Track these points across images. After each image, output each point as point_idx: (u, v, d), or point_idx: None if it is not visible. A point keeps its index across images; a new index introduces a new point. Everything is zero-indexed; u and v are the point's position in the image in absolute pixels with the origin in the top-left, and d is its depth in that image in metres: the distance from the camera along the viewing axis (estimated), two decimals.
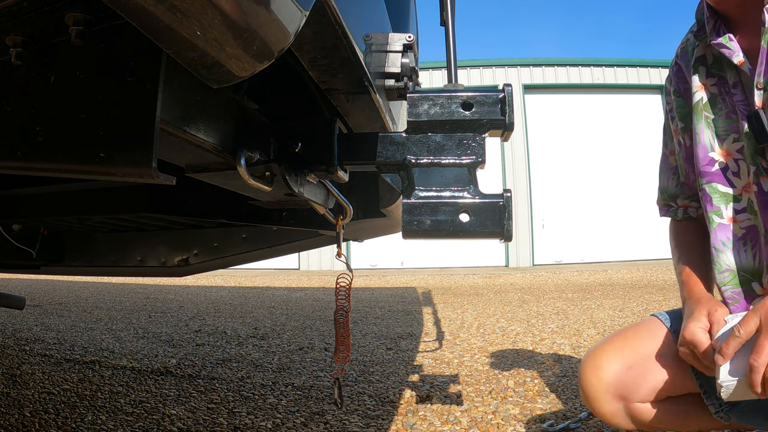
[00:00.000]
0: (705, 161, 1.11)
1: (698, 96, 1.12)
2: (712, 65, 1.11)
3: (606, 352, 1.17)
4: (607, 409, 1.14)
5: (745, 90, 1.04)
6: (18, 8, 0.48)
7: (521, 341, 3.16)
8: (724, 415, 1.11)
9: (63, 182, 1.24)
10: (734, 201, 1.08)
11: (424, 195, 0.80)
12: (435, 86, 9.65)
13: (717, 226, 1.10)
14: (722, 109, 1.09)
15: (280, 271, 11.36)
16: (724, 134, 1.09)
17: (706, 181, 1.11)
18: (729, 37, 1.04)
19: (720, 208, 1.09)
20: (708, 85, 1.11)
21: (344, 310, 1.05)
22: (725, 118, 1.08)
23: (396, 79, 0.87)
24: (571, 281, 7.95)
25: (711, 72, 1.11)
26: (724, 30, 1.05)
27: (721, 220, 1.10)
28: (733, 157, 1.08)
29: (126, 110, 0.50)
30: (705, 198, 1.11)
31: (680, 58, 1.21)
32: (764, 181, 1.02)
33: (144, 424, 1.72)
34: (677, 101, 1.21)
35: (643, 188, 11.49)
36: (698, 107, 1.12)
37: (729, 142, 1.08)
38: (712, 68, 1.11)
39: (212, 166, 0.74)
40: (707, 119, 1.11)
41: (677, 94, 1.21)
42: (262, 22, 0.40)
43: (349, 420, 1.77)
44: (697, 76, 1.12)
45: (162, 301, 5.47)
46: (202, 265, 1.91)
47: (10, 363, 2.54)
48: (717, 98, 1.10)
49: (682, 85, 1.19)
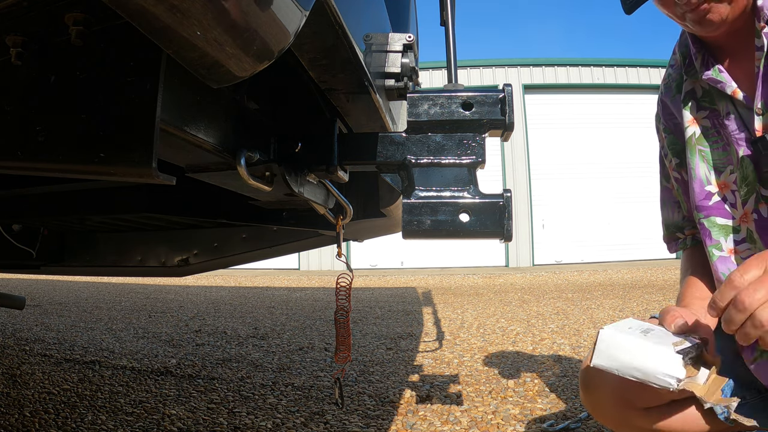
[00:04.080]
0: (702, 195, 1.10)
1: (690, 131, 1.11)
2: (703, 98, 1.09)
3: None
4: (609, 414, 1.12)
5: (743, 117, 1.02)
6: (18, 8, 0.48)
7: (521, 341, 3.16)
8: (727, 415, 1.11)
9: (63, 182, 1.24)
10: (734, 232, 1.07)
11: (424, 195, 0.80)
12: (435, 86, 9.65)
13: (717, 259, 1.08)
14: (717, 142, 1.07)
15: (280, 271, 11.36)
16: (721, 166, 1.07)
17: (704, 215, 1.10)
18: (718, 69, 1.03)
19: (719, 241, 1.08)
20: (699, 119, 1.10)
21: (345, 310, 1.05)
22: (721, 150, 1.07)
23: (396, 79, 0.87)
24: (571, 281, 7.95)
25: (701, 105, 1.09)
26: (712, 62, 1.04)
27: (721, 252, 1.08)
28: (730, 189, 1.07)
29: (126, 110, 0.50)
30: (704, 232, 1.10)
31: (664, 95, 1.20)
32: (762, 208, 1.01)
33: (144, 424, 1.72)
34: (669, 138, 1.20)
35: (643, 188, 11.50)
36: (691, 142, 1.11)
37: (726, 174, 1.07)
38: (702, 101, 1.09)
39: (212, 166, 0.74)
40: (701, 153, 1.10)
41: (668, 131, 1.20)
42: (262, 22, 0.40)
43: (349, 420, 1.77)
44: (688, 110, 1.11)
45: (162, 301, 5.47)
46: (202, 265, 1.91)
47: (10, 363, 2.54)
48: (710, 131, 1.08)
49: (671, 121, 1.18)
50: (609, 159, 12.15)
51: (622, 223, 11.94)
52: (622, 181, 12.05)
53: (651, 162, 4.26)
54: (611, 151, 12.14)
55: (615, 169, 12.12)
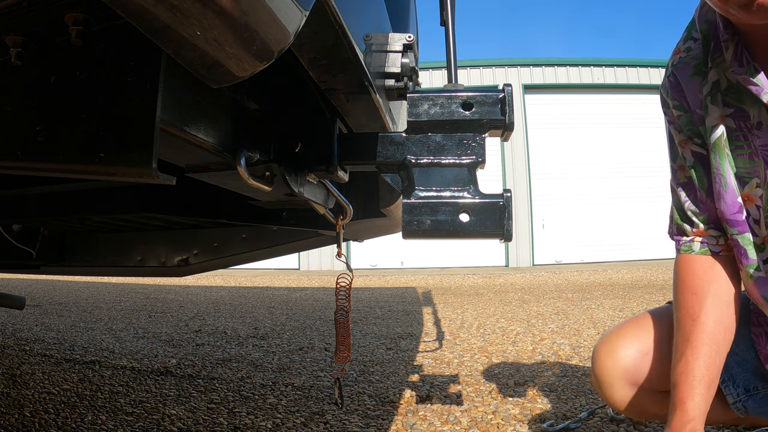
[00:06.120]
0: (735, 208, 0.96)
1: (719, 132, 0.95)
2: (727, 92, 0.94)
3: (622, 337, 1.13)
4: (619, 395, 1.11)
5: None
6: (18, 8, 0.48)
7: (521, 341, 3.16)
8: (741, 406, 1.09)
9: (63, 182, 1.24)
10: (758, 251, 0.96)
11: (424, 195, 0.80)
12: (435, 86, 9.65)
13: (756, 280, 0.97)
14: (742, 148, 0.94)
15: (280, 271, 11.36)
16: (746, 176, 0.95)
17: (739, 231, 0.97)
18: (754, 68, 0.87)
19: (756, 261, 0.96)
20: (724, 117, 0.95)
21: (344, 310, 1.05)
22: (747, 158, 0.94)
23: (396, 79, 0.87)
24: (571, 281, 7.95)
25: (726, 101, 0.94)
26: (747, 58, 0.87)
27: (760, 273, 0.96)
28: (754, 204, 0.95)
29: (126, 110, 0.50)
30: (739, 250, 0.98)
31: (677, 69, 1.02)
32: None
33: (144, 424, 1.72)
34: (684, 118, 1.03)
35: (643, 188, 11.51)
36: (720, 144, 0.95)
37: (752, 186, 0.94)
38: (727, 97, 0.94)
39: (212, 166, 0.74)
40: (730, 158, 0.95)
41: (682, 109, 1.03)
42: (261, 22, 0.40)
43: (349, 420, 1.77)
44: (716, 106, 0.95)
45: (162, 301, 5.46)
46: (202, 265, 1.91)
47: (10, 363, 2.54)
48: (734, 133, 0.95)
49: (683, 99, 1.03)
50: (609, 159, 12.15)
51: (622, 223, 11.94)
52: (622, 181, 12.05)
53: (651, 162, 4.18)
54: (611, 151, 12.14)
55: (615, 169, 12.12)
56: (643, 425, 1.60)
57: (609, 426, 1.64)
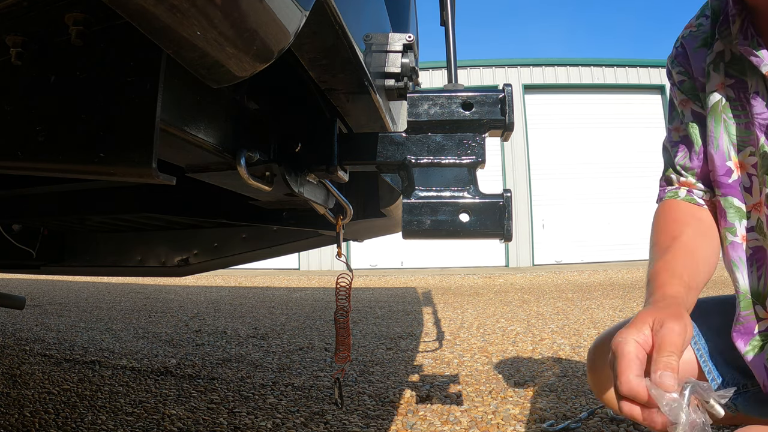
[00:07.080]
0: (722, 170, 1.01)
1: (717, 96, 1.01)
2: (731, 64, 1.00)
3: None
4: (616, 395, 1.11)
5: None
6: (18, 8, 0.48)
7: (521, 341, 3.16)
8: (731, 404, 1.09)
9: (63, 182, 1.24)
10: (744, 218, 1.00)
11: (424, 195, 0.80)
12: (435, 86, 9.65)
13: (730, 243, 1.01)
14: (740, 117, 0.99)
15: (280, 271, 11.36)
16: (741, 144, 0.99)
17: (722, 193, 1.01)
18: (757, 42, 0.92)
19: (734, 224, 1.01)
20: (724, 85, 1.00)
21: (344, 310, 1.05)
22: (743, 128, 0.98)
23: (396, 79, 0.87)
24: (571, 281, 7.95)
25: (728, 72, 1.00)
26: (752, 32, 0.93)
27: (735, 238, 1.01)
28: (747, 171, 0.98)
29: (126, 110, 0.50)
30: (720, 212, 1.02)
31: (687, 41, 1.08)
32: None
33: (144, 424, 1.72)
34: (687, 83, 1.08)
35: (643, 188, 11.50)
36: (717, 109, 1.01)
37: (745, 154, 0.98)
38: (730, 68, 1.00)
39: (212, 166, 0.74)
40: (726, 123, 1.00)
41: (686, 75, 1.08)
42: (261, 22, 0.40)
43: (349, 420, 1.77)
44: (717, 73, 1.01)
45: (162, 301, 5.46)
46: (202, 265, 1.91)
47: (10, 363, 2.54)
48: (734, 102, 0.99)
49: (688, 67, 1.08)
50: (609, 159, 12.16)
51: (622, 223, 11.94)
52: (621, 181, 12.05)
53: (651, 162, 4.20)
54: (611, 151, 12.15)
55: (615, 169, 12.12)
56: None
57: (609, 426, 1.65)
